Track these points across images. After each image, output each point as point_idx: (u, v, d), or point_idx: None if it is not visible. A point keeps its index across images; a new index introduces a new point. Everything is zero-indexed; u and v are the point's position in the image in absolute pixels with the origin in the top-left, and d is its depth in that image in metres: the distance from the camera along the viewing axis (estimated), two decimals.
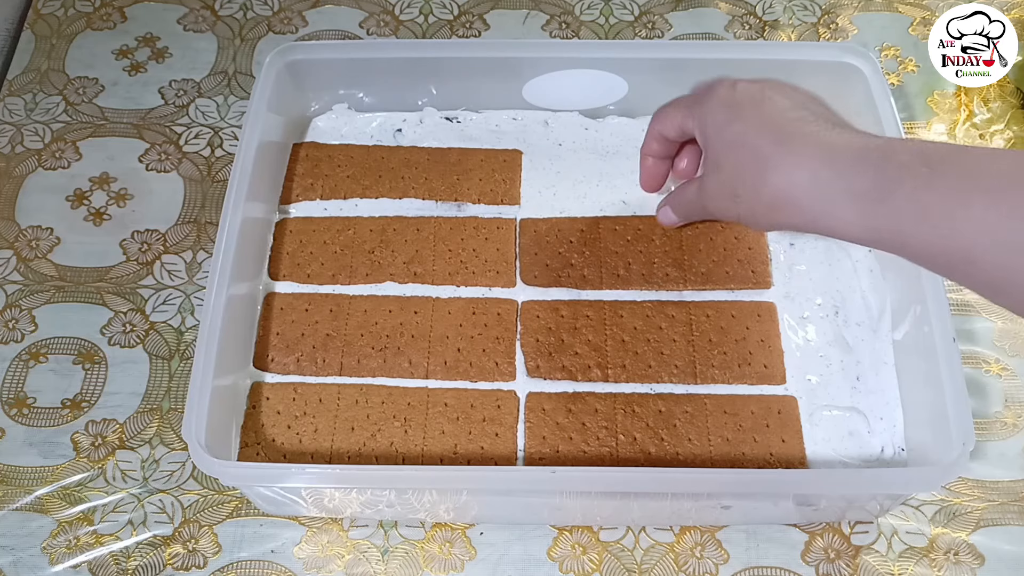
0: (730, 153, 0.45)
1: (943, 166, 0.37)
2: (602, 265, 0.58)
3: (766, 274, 0.58)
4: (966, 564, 0.53)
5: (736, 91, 0.45)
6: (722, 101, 0.46)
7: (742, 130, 0.44)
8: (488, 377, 0.55)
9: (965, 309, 0.61)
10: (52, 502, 0.55)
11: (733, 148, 0.45)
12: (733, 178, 0.45)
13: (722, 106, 0.46)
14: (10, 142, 0.68)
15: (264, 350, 0.56)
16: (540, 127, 0.64)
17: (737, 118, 0.44)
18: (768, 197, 0.43)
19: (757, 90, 0.45)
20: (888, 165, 0.38)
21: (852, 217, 0.39)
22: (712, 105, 0.46)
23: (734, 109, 0.45)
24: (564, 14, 0.75)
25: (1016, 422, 0.57)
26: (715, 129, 0.46)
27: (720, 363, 0.55)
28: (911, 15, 0.75)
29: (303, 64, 0.61)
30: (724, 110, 0.45)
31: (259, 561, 0.53)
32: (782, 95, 0.45)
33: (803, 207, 0.41)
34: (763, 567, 0.53)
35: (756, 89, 0.45)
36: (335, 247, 0.59)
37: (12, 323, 0.60)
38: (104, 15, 0.75)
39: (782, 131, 0.42)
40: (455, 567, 0.53)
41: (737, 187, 0.45)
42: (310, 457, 0.53)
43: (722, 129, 0.45)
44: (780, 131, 0.42)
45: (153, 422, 0.57)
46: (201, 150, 0.68)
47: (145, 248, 0.63)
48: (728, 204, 0.46)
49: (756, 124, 0.43)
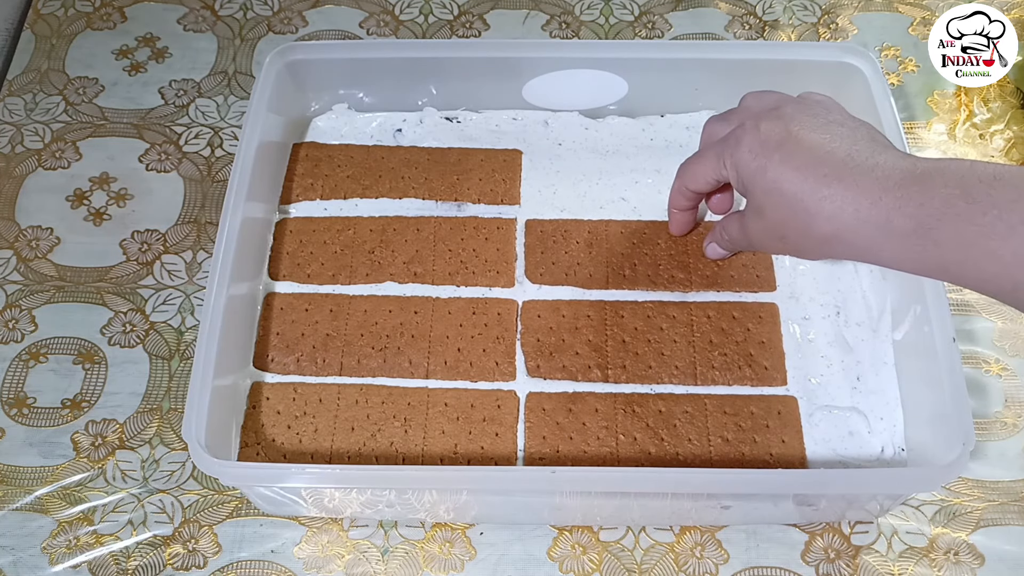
0: (770, 201, 0.45)
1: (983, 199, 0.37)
2: (608, 266, 0.58)
3: (770, 278, 0.58)
4: (966, 564, 0.53)
5: (761, 134, 0.45)
6: (750, 150, 0.45)
7: (777, 178, 0.44)
8: (488, 377, 0.55)
9: (965, 309, 0.61)
10: (52, 502, 0.55)
11: (772, 196, 0.44)
12: (777, 224, 0.45)
13: (751, 155, 0.45)
14: (10, 142, 0.68)
15: (264, 350, 0.56)
16: (540, 127, 0.64)
17: (769, 164, 0.44)
18: (816, 239, 0.43)
19: (782, 130, 0.44)
20: (928, 200, 0.38)
21: (898, 251, 0.40)
22: (742, 155, 0.46)
23: (764, 155, 0.44)
24: (564, 14, 0.75)
25: (1016, 422, 0.57)
26: (750, 178, 0.45)
27: (721, 364, 0.55)
28: (911, 15, 0.75)
29: (303, 64, 0.61)
30: (754, 159, 0.45)
31: (259, 561, 0.53)
32: (807, 129, 0.44)
33: (851, 244, 0.42)
34: (763, 567, 0.53)
35: (780, 129, 0.44)
36: (335, 247, 0.59)
37: (12, 323, 0.60)
38: (104, 15, 0.75)
39: (817, 172, 0.42)
40: (455, 567, 0.53)
41: (782, 231, 0.45)
42: (310, 457, 0.53)
43: (756, 178, 0.45)
44: (816, 172, 0.42)
45: (153, 422, 0.57)
46: (201, 150, 0.68)
47: (145, 248, 0.63)
48: (776, 244, 0.47)
49: (791, 170, 0.43)
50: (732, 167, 0.47)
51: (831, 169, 0.42)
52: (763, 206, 0.45)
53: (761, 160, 0.44)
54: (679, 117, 0.64)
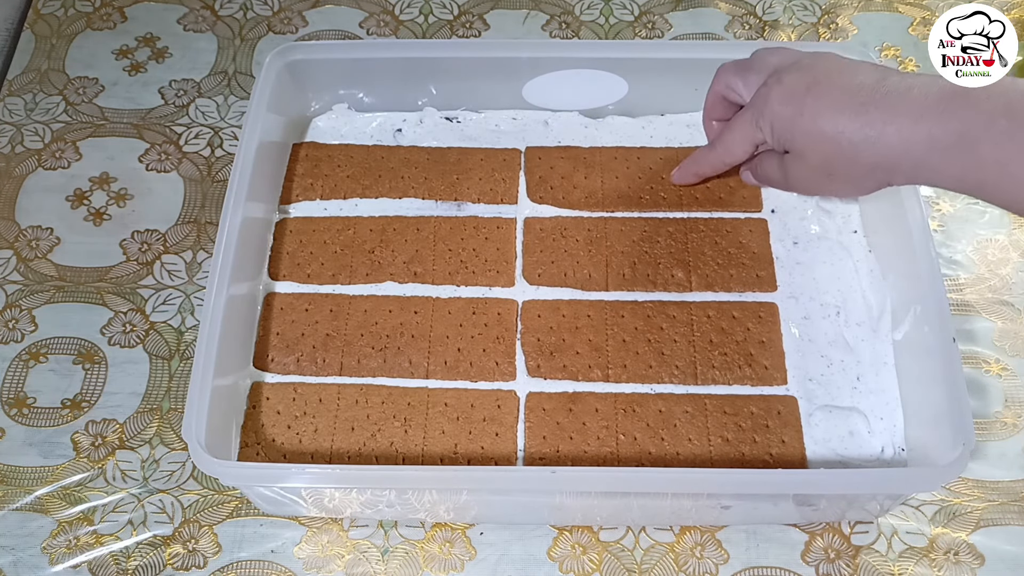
0: (811, 143, 0.45)
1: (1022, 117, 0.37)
2: (607, 265, 0.58)
3: (771, 278, 0.58)
4: (966, 564, 0.53)
5: (786, 86, 0.46)
6: (781, 101, 0.46)
7: (815, 119, 0.44)
8: (488, 377, 0.55)
9: (965, 309, 0.61)
10: (52, 502, 0.55)
11: (812, 138, 0.45)
12: (822, 164, 0.46)
13: (783, 106, 0.46)
14: (10, 142, 0.68)
15: (264, 350, 0.56)
16: (540, 127, 0.64)
17: (803, 109, 0.45)
18: (863, 168, 0.44)
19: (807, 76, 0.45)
20: (970, 116, 0.39)
21: (941, 168, 0.40)
22: (773, 108, 0.46)
23: (795, 102, 0.45)
24: (564, 14, 0.75)
25: (1016, 422, 0.57)
26: (787, 128, 0.46)
27: (721, 364, 0.55)
28: (911, 15, 0.75)
29: (303, 64, 0.61)
30: (787, 108, 0.46)
31: (259, 561, 0.53)
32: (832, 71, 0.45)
33: (897, 166, 0.42)
34: (763, 567, 0.53)
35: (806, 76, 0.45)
36: (335, 247, 0.59)
37: (12, 323, 0.60)
38: (104, 15, 0.75)
39: (853, 103, 0.43)
40: (455, 567, 0.53)
41: (829, 169, 0.46)
42: (310, 457, 0.53)
43: (794, 125, 0.46)
44: (851, 104, 0.43)
45: (153, 422, 0.57)
46: (201, 150, 0.68)
47: (145, 248, 0.63)
48: (820, 183, 0.48)
49: (826, 108, 0.44)
50: (767, 124, 0.47)
51: (866, 97, 0.42)
52: (804, 150, 0.46)
53: (794, 107, 0.45)
54: (679, 116, 0.64)
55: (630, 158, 0.62)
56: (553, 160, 0.62)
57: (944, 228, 0.64)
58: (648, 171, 0.61)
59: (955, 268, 0.62)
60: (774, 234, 0.59)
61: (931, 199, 0.65)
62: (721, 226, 0.59)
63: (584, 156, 0.62)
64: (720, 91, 0.53)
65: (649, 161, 0.62)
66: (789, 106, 0.45)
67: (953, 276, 0.62)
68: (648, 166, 0.62)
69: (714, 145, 0.54)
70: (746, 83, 0.50)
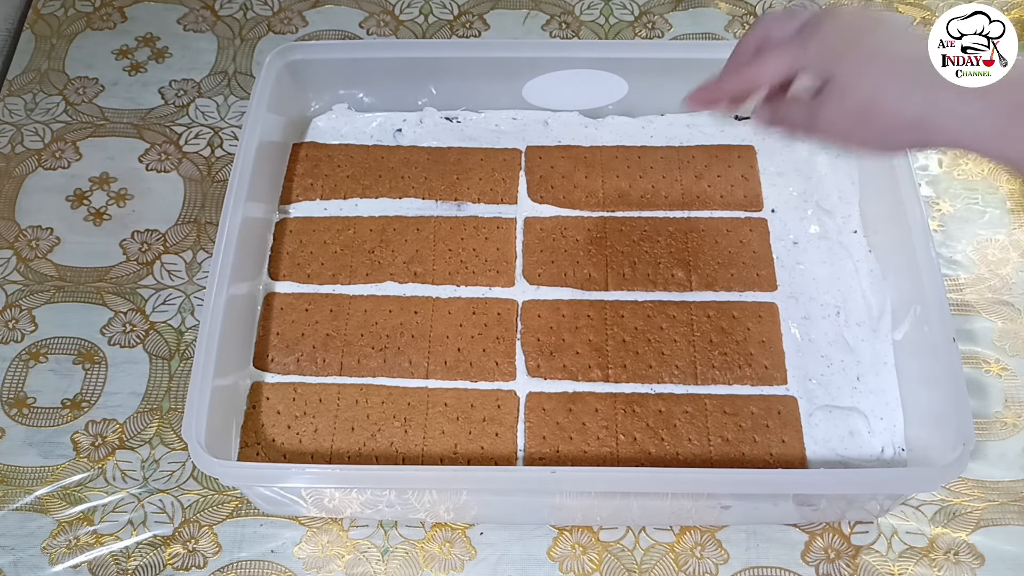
0: (864, 75, 0.43)
1: None
2: (608, 265, 0.58)
3: (771, 277, 0.58)
4: (966, 564, 0.53)
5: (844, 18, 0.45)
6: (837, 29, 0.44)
7: (876, 48, 0.43)
8: (488, 377, 0.55)
9: (965, 309, 0.61)
10: (52, 502, 0.55)
11: (868, 68, 0.43)
12: (866, 101, 0.44)
13: (838, 32, 0.44)
14: (10, 142, 0.68)
15: (264, 350, 0.56)
16: (540, 127, 0.64)
17: (865, 36, 0.43)
18: (906, 120, 0.42)
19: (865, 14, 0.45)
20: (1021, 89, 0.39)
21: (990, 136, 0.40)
22: (826, 32, 0.45)
23: (853, 33, 0.44)
24: (564, 14, 0.75)
25: (1016, 422, 0.57)
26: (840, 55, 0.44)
27: (721, 364, 0.55)
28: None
29: (303, 64, 0.61)
30: (843, 35, 0.44)
31: (259, 561, 0.53)
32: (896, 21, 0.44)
33: (945, 127, 0.41)
34: (763, 567, 0.53)
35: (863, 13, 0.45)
36: (335, 247, 0.59)
37: (12, 323, 0.60)
38: (104, 15, 0.75)
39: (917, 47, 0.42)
40: (455, 567, 0.53)
41: (867, 113, 0.44)
42: (310, 457, 0.53)
43: (849, 51, 0.44)
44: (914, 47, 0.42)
45: (153, 422, 0.57)
46: (201, 150, 0.68)
47: (145, 248, 0.63)
48: (850, 128, 0.45)
49: (886, 48, 0.43)
50: (815, 46, 0.45)
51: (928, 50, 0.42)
52: (847, 84, 0.44)
53: (851, 35, 0.44)
54: (679, 116, 0.64)
55: (630, 158, 0.62)
56: (554, 159, 0.62)
57: (944, 228, 0.64)
58: (648, 171, 0.61)
59: (955, 268, 0.62)
60: (774, 234, 0.59)
61: (931, 199, 0.65)
62: (721, 226, 0.59)
63: (584, 156, 0.62)
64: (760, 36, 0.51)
65: (649, 161, 0.62)
66: (846, 33, 0.44)
67: (953, 276, 0.62)
68: (648, 166, 0.62)
69: (742, 69, 0.52)
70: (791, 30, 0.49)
